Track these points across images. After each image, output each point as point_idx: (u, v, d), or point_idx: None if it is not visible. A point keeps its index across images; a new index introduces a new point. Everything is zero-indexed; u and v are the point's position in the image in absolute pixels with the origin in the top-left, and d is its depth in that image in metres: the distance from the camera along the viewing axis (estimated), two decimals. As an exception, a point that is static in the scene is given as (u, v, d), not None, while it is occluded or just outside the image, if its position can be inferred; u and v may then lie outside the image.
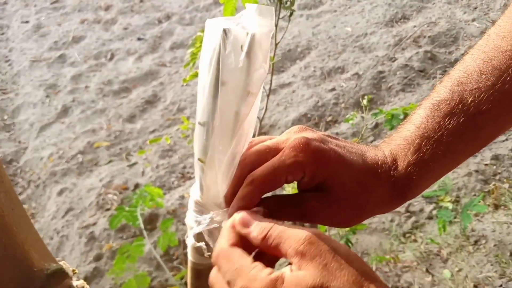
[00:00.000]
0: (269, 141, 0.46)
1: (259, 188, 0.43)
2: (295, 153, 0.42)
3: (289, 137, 0.45)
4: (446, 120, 0.46)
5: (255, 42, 0.39)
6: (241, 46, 0.39)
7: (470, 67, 0.48)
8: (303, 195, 0.45)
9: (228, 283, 0.37)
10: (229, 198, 0.44)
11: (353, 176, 0.44)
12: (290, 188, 1.29)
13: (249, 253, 0.39)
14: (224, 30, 0.38)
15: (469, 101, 0.45)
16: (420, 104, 0.49)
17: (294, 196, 0.45)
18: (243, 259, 0.37)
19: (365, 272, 0.35)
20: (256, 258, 0.38)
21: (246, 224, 0.40)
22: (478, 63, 0.47)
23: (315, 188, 0.44)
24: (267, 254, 0.39)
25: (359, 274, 0.34)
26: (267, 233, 0.38)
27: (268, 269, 0.36)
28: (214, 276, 0.40)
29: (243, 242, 0.40)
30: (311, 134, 0.45)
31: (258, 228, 0.39)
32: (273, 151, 0.44)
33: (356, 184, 0.44)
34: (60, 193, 2.54)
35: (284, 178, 0.42)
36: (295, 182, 0.46)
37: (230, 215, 0.43)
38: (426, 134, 0.46)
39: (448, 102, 0.46)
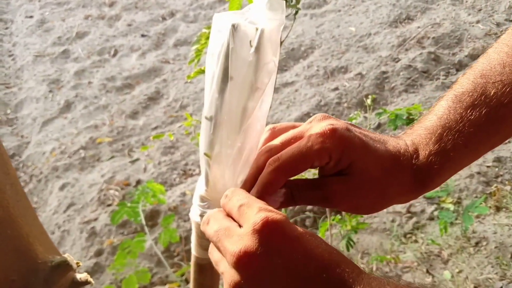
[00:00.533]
0: (292, 131, 0.47)
1: (284, 173, 0.43)
2: (322, 139, 0.43)
3: (312, 125, 0.46)
4: (468, 111, 0.46)
5: (265, 37, 0.39)
6: (250, 41, 0.39)
7: (493, 60, 0.48)
8: (327, 179, 0.46)
9: (241, 206, 0.39)
10: (249, 184, 0.45)
11: (377, 161, 0.45)
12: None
13: None
14: (233, 25, 0.38)
15: (492, 93, 0.46)
16: (443, 96, 0.50)
17: (317, 180, 0.46)
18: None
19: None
20: None
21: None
22: (502, 56, 0.48)
23: (338, 173, 0.45)
24: None
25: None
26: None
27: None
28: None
29: None
30: (336, 122, 0.45)
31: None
32: (298, 139, 0.45)
33: (380, 170, 0.45)
34: (62, 188, 2.55)
35: (311, 163, 0.44)
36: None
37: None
38: (448, 124, 0.46)
39: (470, 93, 0.47)
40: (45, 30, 4.39)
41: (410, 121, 1.21)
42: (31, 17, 4.66)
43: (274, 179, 0.43)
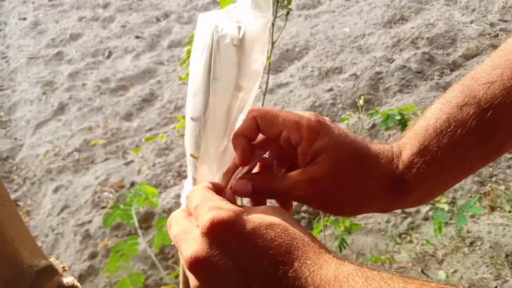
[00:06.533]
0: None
1: (256, 119, 0.42)
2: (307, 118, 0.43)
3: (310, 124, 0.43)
4: (455, 110, 0.44)
5: (250, 36, 0.39)
6: (233, 41, 0.38)
7: (485, 63, 0.47)
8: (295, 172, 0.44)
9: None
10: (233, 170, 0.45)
11: (352, 153, 0.43)
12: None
13: None
14: (216, 26, 0.38)
15: (481, 94, 0.44)
16: (433, 101, 0.49)
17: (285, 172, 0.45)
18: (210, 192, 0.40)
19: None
20: None
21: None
22: (494, 59, 0.47)
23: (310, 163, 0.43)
24: None
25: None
26: None
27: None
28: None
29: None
30: (333, 128, 0.44)
31: None
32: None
33: (353, 161, 0.43)
34: (56, 190, 2.53)
35: (281, 127, 0.42)
36: None
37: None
38: (434, 125, 0.44)
39: (458, 95, 0.45)
40: (38, 32, 4.37)
41: (402, 121, 1.20)
42: (24, 19, 4.64)
43: (248, 125, 0.41)
